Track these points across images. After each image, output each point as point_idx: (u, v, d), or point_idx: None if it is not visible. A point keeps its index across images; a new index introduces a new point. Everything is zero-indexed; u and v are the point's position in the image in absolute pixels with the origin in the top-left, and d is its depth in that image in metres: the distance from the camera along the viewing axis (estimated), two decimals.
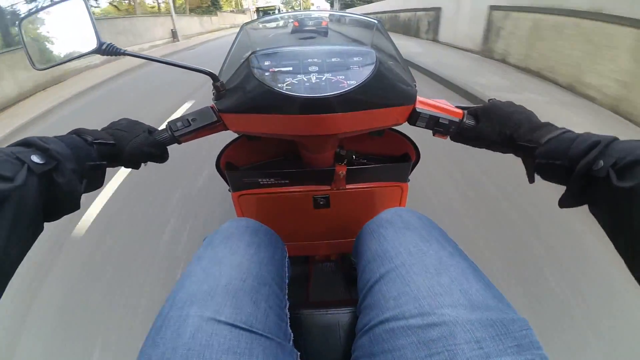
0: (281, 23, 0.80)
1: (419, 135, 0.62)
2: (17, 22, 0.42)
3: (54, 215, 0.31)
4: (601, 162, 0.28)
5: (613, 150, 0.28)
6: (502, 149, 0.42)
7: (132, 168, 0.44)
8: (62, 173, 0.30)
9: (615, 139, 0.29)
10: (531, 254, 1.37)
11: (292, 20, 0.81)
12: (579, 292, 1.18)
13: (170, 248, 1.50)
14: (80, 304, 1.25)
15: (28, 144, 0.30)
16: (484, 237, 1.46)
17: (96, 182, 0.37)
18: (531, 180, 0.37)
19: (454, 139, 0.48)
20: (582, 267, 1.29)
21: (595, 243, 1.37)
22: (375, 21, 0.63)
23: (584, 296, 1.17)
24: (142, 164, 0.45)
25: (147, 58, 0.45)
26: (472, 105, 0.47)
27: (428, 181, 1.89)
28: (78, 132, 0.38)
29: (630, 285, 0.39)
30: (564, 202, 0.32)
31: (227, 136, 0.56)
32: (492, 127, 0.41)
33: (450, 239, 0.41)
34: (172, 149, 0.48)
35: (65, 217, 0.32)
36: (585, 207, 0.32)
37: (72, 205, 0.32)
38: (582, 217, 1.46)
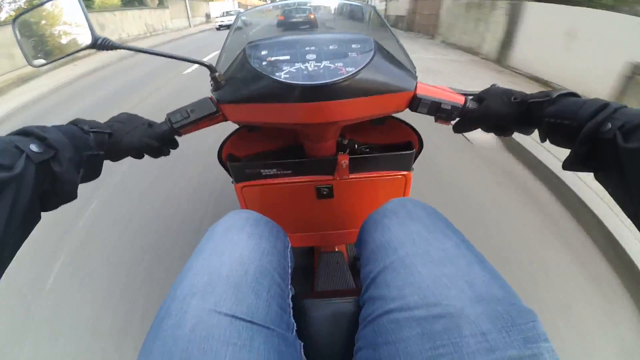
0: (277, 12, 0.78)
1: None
2: (11, 21, 0.42)
3: (51, 205, 0.31)
4: (609, 125, 0.28)
5: (621, 114, 0.28)
6: (509, 123, 0.42)
7: (135, 158, 0.45)
8: (60, 162, 0.30)
9: (624, 105, 0.30)
10: None
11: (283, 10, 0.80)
12: None
13: None
14: None
15: (27, 133, 0.30)
16: None
17: (93, 172, 0.38)
18: (543, 139, 0.38)
19: (456, 128, 0.47)
20: None
21: None
22: (371, 7, 0.61)
23: None
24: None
25: (143, 51, 0.44)
26: (474, 92, 0.47)
27: None
28: (76, 123, 0.38)
29: None
30: (568, 164, 0.33)
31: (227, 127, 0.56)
32: (499, 100, 0.42)
33: (456, 229, 0.40)
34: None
35: None
36: None
37: (69, 194, 0.32)
38: None
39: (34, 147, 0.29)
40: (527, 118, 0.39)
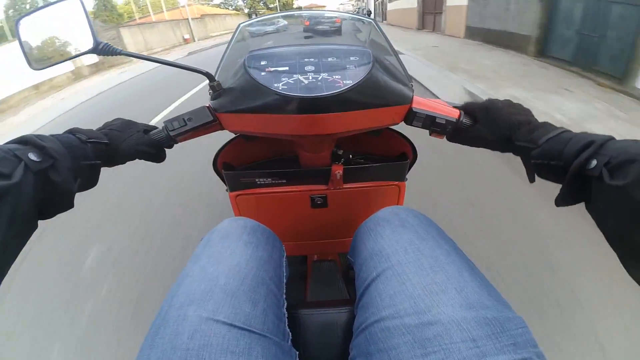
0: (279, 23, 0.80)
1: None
2: (15, 22, 0.42)
3: (47, 213, 0.31)
4: (594, 162, 0.28)
5: (607, 149, 0.28)
6: (500, 149, 0.42)
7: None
8: (58, 171, 0.30)
9: (611, 138, 0.29)
10: None
11: (302, 19, 0.82)
12: None
13: None
14: None
15: (25, 141, 0.30)
16: None
17: (90, 182, 0.38)
18: (531, 179, 0.37)
19: (450, 139, 0.48)
20: None
21: None
22: (372, 20, 0.63)
23: None
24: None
25: (143, 58, 0.45)
26: (468, 103, 0.47)
27: None
28: (73, 132, 0.38)
29: None
30: (560, 201, 0.32)
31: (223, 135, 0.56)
32: (490, 128, 0.41)
33: (447, 236, 0.41)
34: None
35: None
36: None
37: (66, 203, 0.32)
38: None
39: (32, 156, 0.29)
40: (515, 150, 0.40)
